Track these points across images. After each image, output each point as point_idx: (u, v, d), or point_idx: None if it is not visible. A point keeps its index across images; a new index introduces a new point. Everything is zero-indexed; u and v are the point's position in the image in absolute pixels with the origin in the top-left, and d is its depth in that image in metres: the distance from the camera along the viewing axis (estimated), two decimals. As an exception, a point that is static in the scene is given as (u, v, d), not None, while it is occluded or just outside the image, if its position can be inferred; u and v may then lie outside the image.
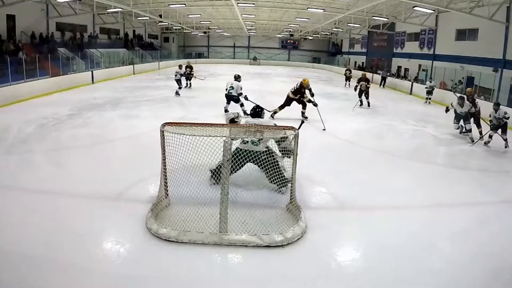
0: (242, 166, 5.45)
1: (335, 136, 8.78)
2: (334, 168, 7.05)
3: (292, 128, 4.78)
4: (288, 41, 50.32)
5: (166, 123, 4.66)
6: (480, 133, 9.92)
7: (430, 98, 17.43)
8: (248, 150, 5.36)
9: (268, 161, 5.38)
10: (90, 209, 5.00)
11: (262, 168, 5.50)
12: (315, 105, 10.50)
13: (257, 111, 6.08)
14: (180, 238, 4.21)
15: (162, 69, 31.91)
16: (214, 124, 4.71)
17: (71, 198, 5.31)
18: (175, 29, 41.65)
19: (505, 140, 9.28)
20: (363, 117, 12.63)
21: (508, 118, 9.20)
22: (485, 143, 9.49)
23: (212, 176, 5.62)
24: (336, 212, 5.34)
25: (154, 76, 25.37)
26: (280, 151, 5.57)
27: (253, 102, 10.77)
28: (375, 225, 4.91)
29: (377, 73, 27.60)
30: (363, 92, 14.86)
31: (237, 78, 11.47)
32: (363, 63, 37.09)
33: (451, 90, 17.47)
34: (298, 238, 4.35)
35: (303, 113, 11.16)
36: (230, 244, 4.18)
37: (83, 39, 27.11)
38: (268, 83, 23.66)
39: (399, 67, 28.72)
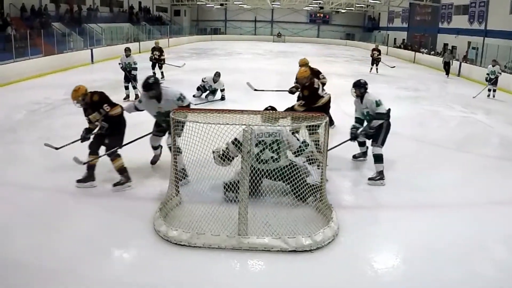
0: (258, 186, 4.99)
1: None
2: (370, 161, 6.96)
3: (321, 114, 4.72)
4: (318, 14, 49.88)
5: (176, 109, 4.65)
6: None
7: (495, 90, 14.14)
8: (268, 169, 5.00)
9: (293, 174, 4.91)
10: (88, 208, 5.02)
11: (285, 182, 5.12)
12: None
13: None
14: (193, 241, 4.19)
15: (172, 47, 31.90)
16: (232, 110, 4.64)
17: (66, 195, 5.31)
18: (187, 0, 41.71)
19: None
20: (404, 102, 12.53)
21: None
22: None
23: (226, 191, 5.13)
24: (373, 211, 5.29)
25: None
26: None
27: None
28: (417, 226, 4.84)
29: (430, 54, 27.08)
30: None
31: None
32: (404, 40, 36.50)
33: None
34: (329, 242, 4.31)
35: None
36: (251, 249, 4.16)
37: (81, 12, 27.36)
38: (293, 64, 23.34)
39: (445, 45, 28.16)
